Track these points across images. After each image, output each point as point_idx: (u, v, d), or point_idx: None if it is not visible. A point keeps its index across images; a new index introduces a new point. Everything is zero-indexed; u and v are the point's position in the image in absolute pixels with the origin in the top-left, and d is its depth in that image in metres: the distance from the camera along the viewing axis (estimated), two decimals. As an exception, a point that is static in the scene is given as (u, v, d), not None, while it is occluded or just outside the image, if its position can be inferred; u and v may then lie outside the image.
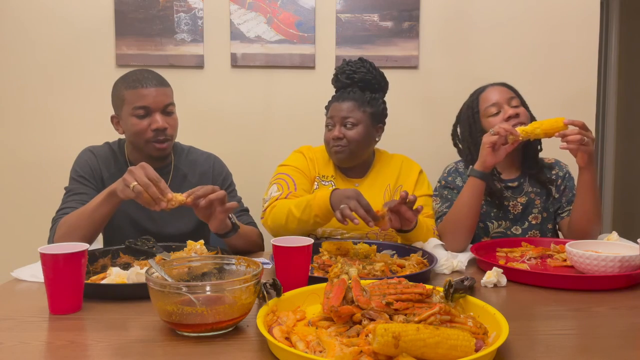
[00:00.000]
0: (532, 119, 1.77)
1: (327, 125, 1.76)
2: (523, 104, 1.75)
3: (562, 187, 1.78)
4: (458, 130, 1.86)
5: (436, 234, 1.64)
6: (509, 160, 1.72)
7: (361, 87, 1.76)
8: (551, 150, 1.82)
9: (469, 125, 1.77)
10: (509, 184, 1.76)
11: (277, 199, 1.66)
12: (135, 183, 1.27)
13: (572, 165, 1.72)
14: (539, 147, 1.80)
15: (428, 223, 1.64)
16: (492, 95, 1.73)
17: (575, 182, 1.69)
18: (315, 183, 1.78)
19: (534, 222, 1.75)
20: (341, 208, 1.39)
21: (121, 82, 1.59)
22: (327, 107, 1.80)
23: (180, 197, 1.32)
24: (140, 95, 1.54)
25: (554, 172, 1.80)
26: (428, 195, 1.78)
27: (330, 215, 1.50)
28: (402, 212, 1.41)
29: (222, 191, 1.37)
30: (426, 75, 2.39)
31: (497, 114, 1.70)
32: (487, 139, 1.55)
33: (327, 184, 1.77)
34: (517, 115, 1.68)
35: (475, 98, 1.77)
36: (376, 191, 1.75)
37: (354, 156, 1.75)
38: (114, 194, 1.34)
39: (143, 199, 1.28)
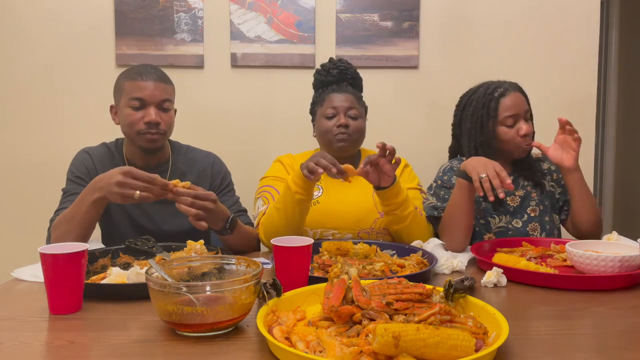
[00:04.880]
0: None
1: (326, 116, 1.75)
2: (530, 114, 1.76)
3: (562, 183, 1.77)
4: (462, 123, 1.80)
5: (420, 213, 1.64)
6: (501, 159, 1.72)
7: (352, 84, 1.81)
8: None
9: (481, 126, 1.72)
10: None
11: (264, 214, 1.66)
12: (138, 193, 1.30)
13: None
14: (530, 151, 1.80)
15: (410, 196, 1.62)
16: (513, 104, 1.69)
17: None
18: None
19: (532, 214, 1.75)
20: (306, 165, 1.44)
21: (123, 73, 1.62)
22: (319, 100, 1.80)
23: (179, 183, 1.39)
24: (138, 87, 1.56)
25: (544, 166, 1.83)
26: (414, 189, 1.78)
27: (307, 186, 1.51)
28: (381, 164, 1.45)
29: (212, 196, 1.41)
30: (426, 75, 2.39)
31: (511, 125, 1.69)
32: (476, 177, 1.47)
33: None
34: (529, 135, 1.69)
35: (495, 100, 1.70)
36: (364, 189, 1.74)
37: (354, 147, 1.78)
38: (103, 199, 1.37)
39: (150, 200, 1.34)
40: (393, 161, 1.47)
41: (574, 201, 1.69)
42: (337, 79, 1.80)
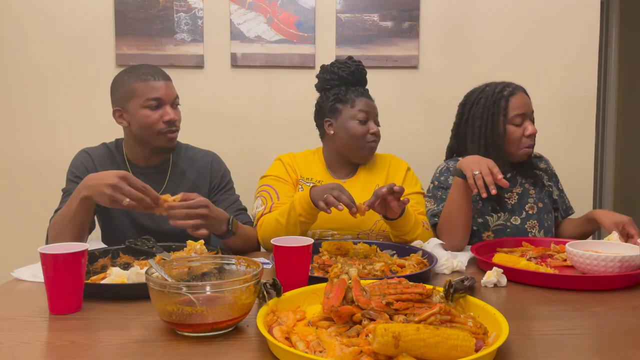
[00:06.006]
0: None
1: (357, 119, 1.73)
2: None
3: (560, 188, 1.88)
4: (469, 122, 1.78)
5: (426, 228, 1.64)
6: (503, 159, 1.72)
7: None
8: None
9: (492, 124, 1.72)
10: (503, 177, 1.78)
11: (262, 214, 1.66)
12: (128, 200, 1.29)
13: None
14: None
15: (418, 217, 1.63)
16: (522, 103, 1.71)
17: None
18: (300, 186, 1.77)
19: (530, 212, 1.76)
20: (324, 197, 1.43)
21: (129, 75, 1.60)
22: (344, 99, 1.75)
23: (169, 198, 1.36)
24: (153, 88, 1.57)
25: (542, 166, 1.88)
26: (417, 193, 1.78)
27: (313, 212, 1.51)
28: (388, 201, 1.45)
29: (203, 202, 1.39)
30: (426, 75, 2.39)
31: (519, 124, 1.70)
32: (469, 174, 1.50)
33: (311, 184, 1.76)
34: (534, 136, 1.71)
35: (504, 99, 1.70)
36: (365, 191, 1.73)
37: (374, 154, 1.83)
38: (89, 198, 1.35)
39: (137, 210, 1.32)
40: (401, 198, 1.46)
41: (577, 233, 1.80)
42: (357, 81, 1.78)
